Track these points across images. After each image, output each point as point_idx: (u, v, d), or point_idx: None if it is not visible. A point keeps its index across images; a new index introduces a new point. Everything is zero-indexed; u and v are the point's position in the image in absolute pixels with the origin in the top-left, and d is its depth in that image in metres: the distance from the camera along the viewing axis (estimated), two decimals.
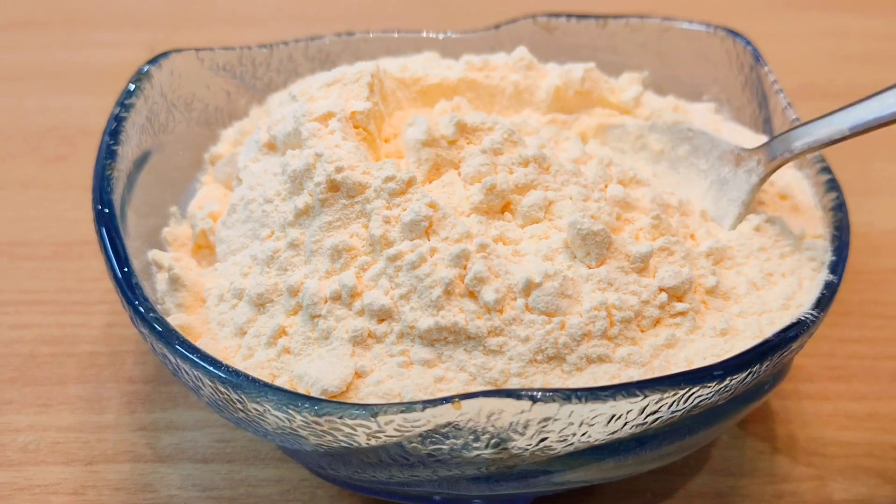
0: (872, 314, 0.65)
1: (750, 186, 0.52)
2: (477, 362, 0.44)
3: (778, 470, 0.54)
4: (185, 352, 0.43)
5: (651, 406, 0.40)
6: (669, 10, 0.76)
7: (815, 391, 0.59)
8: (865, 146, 0.80)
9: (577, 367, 0.44)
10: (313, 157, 0.49)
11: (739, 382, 0.42)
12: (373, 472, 0.45)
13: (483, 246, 0.46)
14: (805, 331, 0.44)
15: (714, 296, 0.47)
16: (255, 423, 0.43)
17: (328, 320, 0.46)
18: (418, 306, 0.45)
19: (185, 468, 0.54)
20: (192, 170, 0.61)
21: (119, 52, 0.93)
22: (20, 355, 0.61)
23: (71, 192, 0.75)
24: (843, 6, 1.02)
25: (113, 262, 0.47)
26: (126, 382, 0.59)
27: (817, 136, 0.49)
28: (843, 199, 0.52)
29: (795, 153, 0.50)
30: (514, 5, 0.92)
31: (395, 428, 0.40)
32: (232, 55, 0.64)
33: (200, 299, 0.51)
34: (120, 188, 0.52)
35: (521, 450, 0.41)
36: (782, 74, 0.61)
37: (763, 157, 0.52)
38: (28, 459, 0.55)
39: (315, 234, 0.48)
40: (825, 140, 0.49)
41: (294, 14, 1.02)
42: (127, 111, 0.55)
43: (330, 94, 0.53)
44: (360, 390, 0.44)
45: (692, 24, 0.66)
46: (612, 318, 0.45)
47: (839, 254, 0.49)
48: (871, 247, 0.70)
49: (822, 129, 0.49)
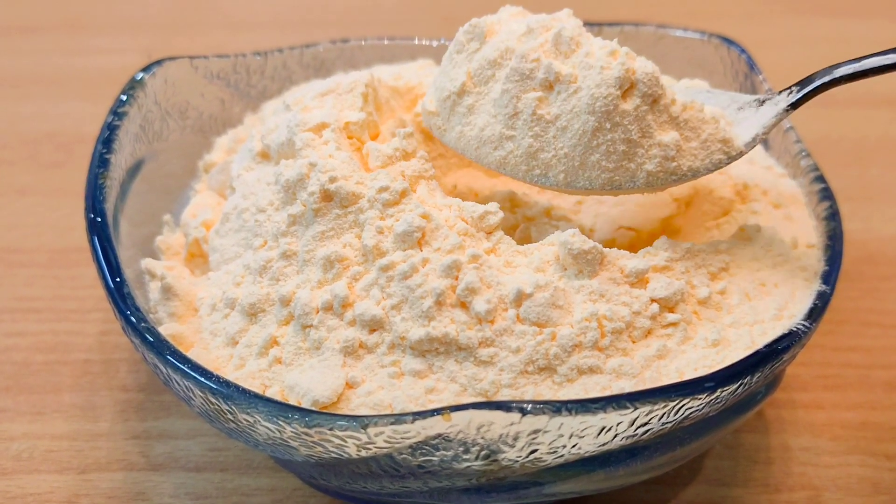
0: (868, 322, 0.64)
1: (776, 111, 0.50)
2: (468, 373, 0.44)
3: (771, 480, 0.54)
4: (176, 362, 0.43)
5: (642, 418, 0.40)
6: (664, 17, 0.76)
7: (810, 400, 0.59)
8: (862, 153, 0.81)
9: (568, 379, 0.44)
10: (307, 167, 0.49)
11: (731, 394, 0.42)
12: (364, 482, 0.45)
13: (475, 257, 0.46)
14: (797, 342, 0.44)
15: (706, 306, 0.47)
16: (246, 433, 0.43)
17: (320, 330, 0.46)
18: (410, 317, 0.45)
19: (177, 477, 0.54)
20: (186, 178, 0.61)
21: (116, 58, 0.93)
22: (14, 363, 0.61)
23: (67, 198, 0.75)
24: (839, 11, 1.02)
25: (105, 271, 0.47)
26: (120, 391, 0.59)
27: (866, 63, 0.48)
28: (837, 208, 0.52)
29: (836, 77, 0.49)
30: None
31: (385, 439, 0.40)
32: (226, 63, 0.64)
33: (193, 308, 0.51)
34: (113, 197, 0.52)
35: (511, 461, 0.41)
36: (778, 81, 0.61)
37: (795, 88, 0.50)
38: (21, 468, 0.55)
39: (308, 243, 0.48)
40: (874, 66, 0.48)
41: (290, 19, 1.02)
42: (120, 119, 0.55)
43: (324, 104, 0.53)
44: (352, 401, 0.44)
45: (687, 31, 0.66)
46: (604, 329, 0.45)
47: (832, 264, 0.49)
48: (867, 254, 0.70)
49: (872, 59, 0.48)
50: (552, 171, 0.48)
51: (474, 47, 0.51)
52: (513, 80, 0.48)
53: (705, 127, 0.49)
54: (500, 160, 0.49)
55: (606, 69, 0.46)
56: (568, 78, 0.47)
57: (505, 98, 0.48)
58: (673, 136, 0.47)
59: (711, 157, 0.49)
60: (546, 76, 0.47)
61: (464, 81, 0.50)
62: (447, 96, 0.51)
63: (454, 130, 0.51)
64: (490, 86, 0.50)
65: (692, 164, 0.48)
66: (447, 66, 0.52)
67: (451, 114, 0.51)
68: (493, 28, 0.51)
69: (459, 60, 0.51)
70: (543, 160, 0.48)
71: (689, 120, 0.48)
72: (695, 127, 0.48)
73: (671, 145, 0.47)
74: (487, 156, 0.49)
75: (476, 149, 0.50)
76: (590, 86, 0.46)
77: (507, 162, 0.49)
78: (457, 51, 0.52)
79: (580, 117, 0.46)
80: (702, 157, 0.49)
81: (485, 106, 0.50)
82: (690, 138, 0.48)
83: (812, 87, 0.49)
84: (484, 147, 0.49)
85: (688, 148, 0.48)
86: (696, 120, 0.48)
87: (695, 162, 0.48)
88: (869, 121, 0.85)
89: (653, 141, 0.47)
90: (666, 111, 0.48)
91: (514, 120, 0.48)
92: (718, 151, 0.49)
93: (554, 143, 0.48)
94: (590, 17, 0.70)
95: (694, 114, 0.48)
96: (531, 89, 0.48)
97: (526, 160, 0.48)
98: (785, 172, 0.57)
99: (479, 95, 0.50)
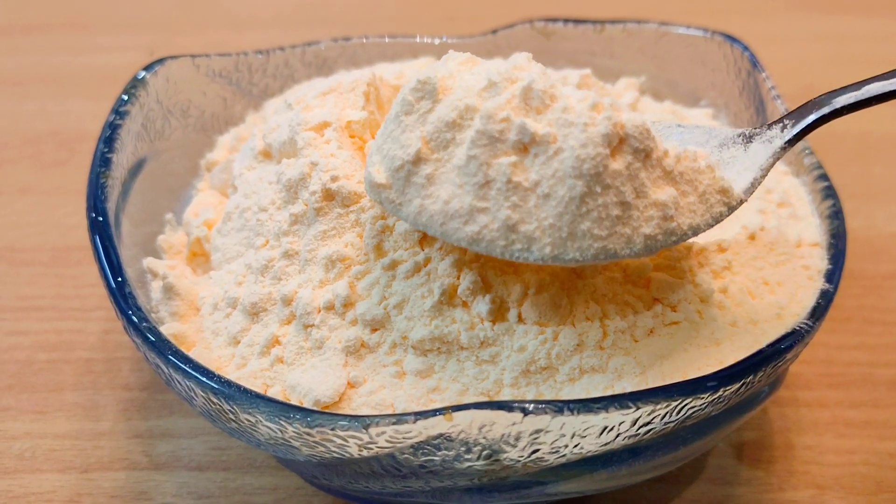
0: (871, 320, 0.64)
1: (772, 150, 0.47)
2: (470, 373, 0.44)
3: (775, 479, 0.54)
4: (178, 362, 0.43)
5: (644, 417, 0.40)
6: (667, 14, 0.76)
7: (813, 398, 0.59)
8: (865, 150, 0.80)
9: (571, 378, 0.44)
10: (308, 167, 0.49)
11: (733, 393, 0.42)
12: (366, 482, 0.45)
13: (477, 256, 0.46)
14: (800, 341, 0.43)
15: (708, 305, 0.47)
16: (248, 433, 0.43)
17: (321, 330, 0.46)
18: (412, 316, 0.45)
19: (180, 476, 0.54)
20: (188, 176, 0.61)
21: (118, 57, 0.93)
22: (17, 362, 0.61)
23: (69, 197, 0.75)
24: (842, 8, 1.02)
25: (107, 271, 0.47)
26: (122, 389, 0.59)
27: (868, 91, 0.45)
28: (840, 206, 0.51)
29: (837, 108, 0.46)
30: (512, 10, 0.92)
31: (387, 439, 0.40)
32: (228, 61, 0.64)
33: (195, 308, 0.51)
34: (115, 196, 0.52)
35: (513, 461, 0.41)
36: (781, 78, 0.61)
37: (789, 122, 0.47)
38: (24, 467, 0.55)
39: (309, 243, 0.48)
40: (877, 93, 0.45)
41: (293, 17, 1.02)
42: (122, 118, 0.55)
43: (326, 102, 0.53)
44: (353, 400, 0.44)
45: (689, 28, 0.65)
46: (606, 328, 0.45)
47: (835, 262, 0.49)
48: (871, 251, 0.70)
49: (874, 86, 0.45)
50: (536, 244, 0.41)
51: (426, 107, 0.44)
52: (480, 145, 0.41)
53: (702, 178, 0.44)
54: (472, 236, 0.42)
55: (591, 125, 0.41)
56: (545, 138, 0.41)
57: (472, 165, 0.42)
58: (670, 193, 0.42)
59: (711, 211, 0.44)
60: (520, 137, 0.41)
61: (419, 148, 0.43)
62: (399, 166, 0.43)
63: (412, 204, 0.43)
64: (451, 151, 0.43)
65: (692, 221, 0.44)
66: (394, 129, 0.44)
67: (405, 185, 0.43)
68: (446, 83, 0.44)
69: (410, 123, 0.44)
70: (525, 233, 0.41)
71: (685, 172, 0.44)
72: (691, 179, 0.44)
73: (669, 203, 0.42)
74: (456, 231, 0.42)
75: (441, 224, 0.42)
76: (573, 146, 0.40)
77: (481, 237, 0.41)
78: (405, 112, 0.44)
79: (565, 182, 0.40)
80: (701, 213, 0.44)
81: (447, 175, 0.43)
82: (688, 193, 0.44)
83: (810, 122, 0.46)
84: (451, 222, 0.42)
85: (686, 204, 0.43)
86: (691, 172, 0.44)
87: (694, 218, 0.44)
88: (872, 117, 0.84)
89: (648, 201, 0.42)
90: (659, 165, 0.43)
91: (485, 190, 0.41)
92: (718, 203, 0.45)
93: (536, 213, 0.41)
94: (591, 15, 0.70)
95: (688, 164, 0.44)
96: (503, 153, 0.41)
97: (504, 234, 0.41)
98: (788, 170, 0.57)
99: (438, 163, 0.43)
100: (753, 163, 0.47)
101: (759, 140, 0.47)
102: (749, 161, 0.47)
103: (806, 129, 0.46)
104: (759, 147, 0.47)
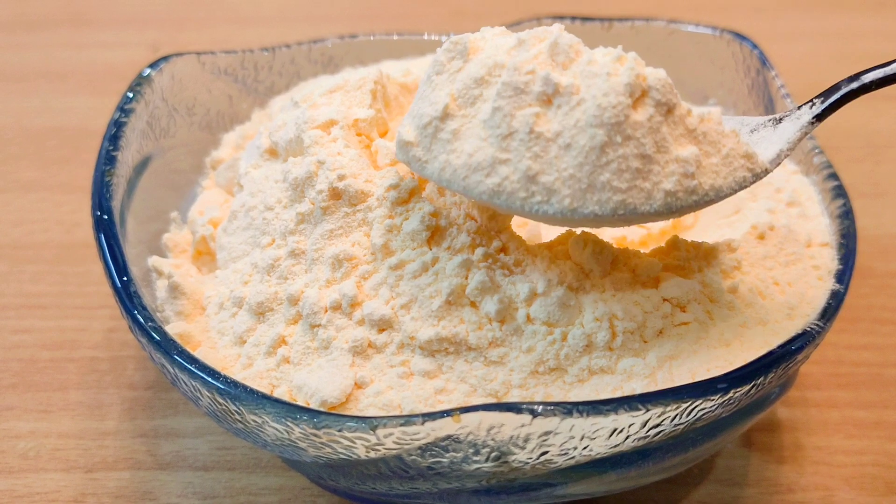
0: (881, 320, 0.64)
1: (800, 125, 0.46)
2: (478, 373, 0.44)
3: (784, 479, 0.54)
4: (184, 362, 0.43)
5: (653, 419, 0.40)
6: (675, 11, 0.75)
7: (822, 399, 0.58)
8: (874, 148, 0.80)
9: (579, 379, 0.44)
10: (315, 165, 0.49)
11: (744, 395, 0.41)
12: (373, 483, 0.44)
13: (485, 255, 0.45)
14: (810, 342, 0.43)
15: (718, 305, 0.47)
16: (254, 434, 0.42)
17: (328, 330, 0.45)
18: (419, 316, 0.45)
19: (185, 476, 0.54)
20: (194, 174, 0.61)
21: (122, 53, 0.93)
22: (21, 360, 0.61)
23: (73, 194, 0.75)
24: (851, 5, 1.01)
25: (112, 270, 0.47)
26: (127, 388, 0.59)
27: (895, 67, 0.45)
28: (850, 206, 0.51)
29: (865, 83, 0.45)
30: (520, 7, 0.92)
31: (395, 441, 0.39)
32: (233, 58, 0.63)
33: (200, 307, 0.50)
34: (120, 194, 0.52)
35: (521, 463, 0.41)
36: (790, 75, 0.61)
37: (818, 99, 0.47)
38: (28, 466, 0.54)
39: (316, 242, 0.47)
40: None
41: (297, 14, 1.02)
42: (127, 116, 0.55)
43: (332, 100, 0.52)
44: (360, 401, 0.44)
45: (698, 26, 0.65)
46: (615, 329, 0.44)
47: (845, 262, 0.48)
48: (880, 250, 0.69)
49: None
50: (556, 195, 0.41)
51: (457, 66, 0.45)
52: (505, 97, 0.42)
53: (726, 141, 0.44)
54: (493, 188, 0.42)
55: (613, 76, 0.41)
56: (569, 89, 0.41)
57: (497, 117, 0.42)
58: (692, 151, 0.42)
59: (735, 175, 0.44)
60: (543, 89, 0.41)
61: (447, 104, 0.44)
62: (427, 122, 0.44)
63: (437, 160, 0.44)
64: (478, 106, 0.43)
65: (714, 181, 0.43)
66: (425, 90, 0.45)
67: (432, 142, 0.44)
68: (477, 45, 0.45)
69: (440, 82, 0.45)
70: (545, 184, 0.41)
71: (708, 133, 0.43)
72: (714, 141, 0.43)
73: (691, 160, 0.42)
74: (478, 185, 0.42)
75: (464, 178, 0.43)
76: (595, 95, 0.41)
77: (502, 189, 0.42)
78: (436, 72, 0.45)
79: (586, 132, 0.41)
80: (724, 175, 0.43)
81: (473, 129, 0.43)
82: (710, 153, 0.43)
83: (839, 96, 0.46)
84: (474, 175, 0.42)
85: (708, 164, 0.43)
86: (714, 133, 0.44)
87: (717, 180, 0.43)
88: (881, 115, 0.84)
89: (670, 156, 0.42)
90: (682, 123, 0.42)
91: (508, 141, 0.42)
92: (742, 168, 0.44)
93: (556, 163, 0.41)
94: (598, 12, 0.70)
95: (712, 126, 0.44)
96: (527, 105, 0.42)
97: (525, 185, 0.41)
98: (797, 169, 0.57)
99: (465, 118, 0.43)
100: (781, 137, 0.47)
101: (789, 119, 0.47)
102: (777, 137, 0.47)
103: (835, 103, 0.46)
104: (788, 124, 0.47)
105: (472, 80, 0.44)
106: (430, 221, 0.46)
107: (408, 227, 0.46)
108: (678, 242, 0.49)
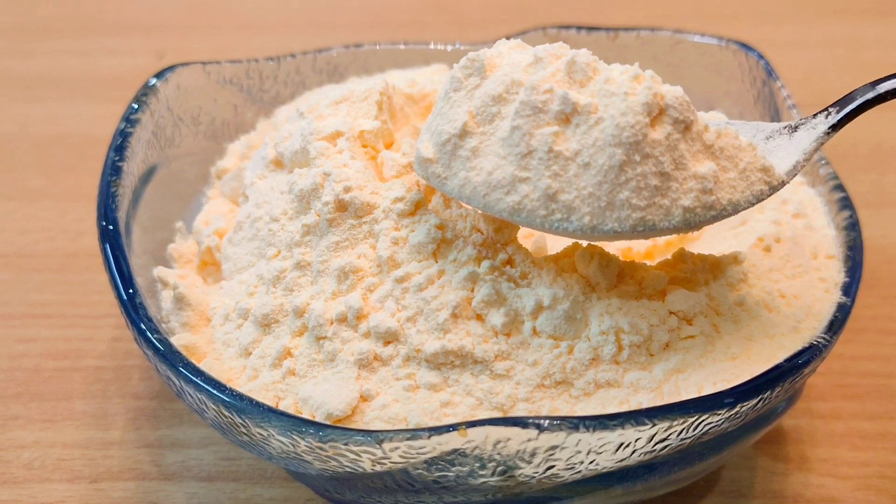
0: (886, 330, 0.64)
1: (815, 135, 0.47)
2: (484, 387, 0.44)
3: (789, 491, 0.54)
4: (189, 374, 0.43)
5: (660, 434, 0.40)
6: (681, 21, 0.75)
7: (828, 410, 0.58)
8: (879, 158, 0.80)
9: (586, 393, 0.44)
10: (321, 177, 0.49)
11: (750, 409, 0.41)
12: (378, 497, 0.44)
13: (491, 268, 0.45)
14: (817, 356, 0.43)
15: (724, 318, 0.47)
16: (260, 446, 0.42)
17: (334, 342, 0.45)
18: (425, 329, 0.45)
19: (190, 486, 0.54)
20: (199, 184, 0.61)
21: (128, 60, 0.93)
22: (25, 370, 0.61)
23: (79, 202, 0.75)
24: (857, 14, 1.01)
25: (118, 282, 0.47)
26: (132, 398, 0.59)
27: None
28: (857, 217, 0.51)
29: (881, 93, 0.46)
30: (525, 16, 0.92)
31: (401, 455, 0.39)
32: (239, 68, 0.63)
33: (206, 318, 0.50)
34: (125, 204, 0.52)
35: (527, 477, 0.41)
36: (796, 84, 0.61)
37: (833, 109, 0.47)
38: (33, 476, 0.54)
39: (322, 254, 0.47)
40: None
41: (302, 21, 1.02)
42: (132, 126, 0.55)
43: (338, 112, 0.52)
44: (366, 414, 0.44)
45: (704, 37, 0.65)
46: (621, 342, 0.44)
47: (852, 275, 0.48)
48: (886, 260, 0.69)
49: None
50: (575, 213, 0.42)
51: (474, 83, 0.45)
52: (523, 115, 0.43)
53: (742, 155, 0.44)
54: (513, 206, 0.43)
55: (631, 95, 0.42)
56: (587, 108, 0.42)
57: (516, 136, 0.43)
58: (710, 167, 0.43)
59: (752, 189, 0.44)
60: (562, 108, 0.42)
61: (465, 122, 0.44)
62: (447, 140, 0.45)
63: (457, 177, 0.45)
64: (496, 124, 0.44)
65: (732, 196, 0.44)
66: (443, 107, 0.46)
67: (451, 159, 0.45)
68: (494, 61, 0.46)
69: (458, 99, 0.45)
70: (565, 202, 0.42)
71: (725, 148, 0.44)
72: (731, 156, 0.44)
73: (708, 177, 0.43)
74: (498, 202, 0.43)
75: (484, 196, 0.44)
76: (613, 115, 0.41)
77: (521, 207, 0.43)
78: (454, 89, 0.46)
79: (605, 151, 0.41)
80: (741, 189, 0.44)
81: (492, 147, 0.44)
82: (728, 168, 0.44)
83: (854, 106, 0.46)
84: (494, 193, 0.43)
85: (726, 179, 0.44)
86: (732, 148, 0.44)
87: (734, 194, 0.44)
88: (886, 124, 0.84)
89: (688, 173, 0.42)
90: (699, 139, 0.43)
91: (527, 160, 0.43)
92: (759, 182, 0.45)
93: (576, 181, 0.42)
94: (605, 22, 0.69)
95: (729, 141, 0.44)
96: (545, 124, 0.43)
97: (544, 203, 0.42)
98: (804, 180, 0.57)
99: (483, 136, 0.44)
100: (797, 148, 0.47)
101: (804, 129, 0.47)
102: (793, 147, 0.47)
103: (850, 113, 0.46)
104: (804, 134, 0.47)
105: (490, 98, 0.44)
106: (436, 234, 0.46)
107: (414, 240, 0.46)
108: (684, 255, 0.49)
